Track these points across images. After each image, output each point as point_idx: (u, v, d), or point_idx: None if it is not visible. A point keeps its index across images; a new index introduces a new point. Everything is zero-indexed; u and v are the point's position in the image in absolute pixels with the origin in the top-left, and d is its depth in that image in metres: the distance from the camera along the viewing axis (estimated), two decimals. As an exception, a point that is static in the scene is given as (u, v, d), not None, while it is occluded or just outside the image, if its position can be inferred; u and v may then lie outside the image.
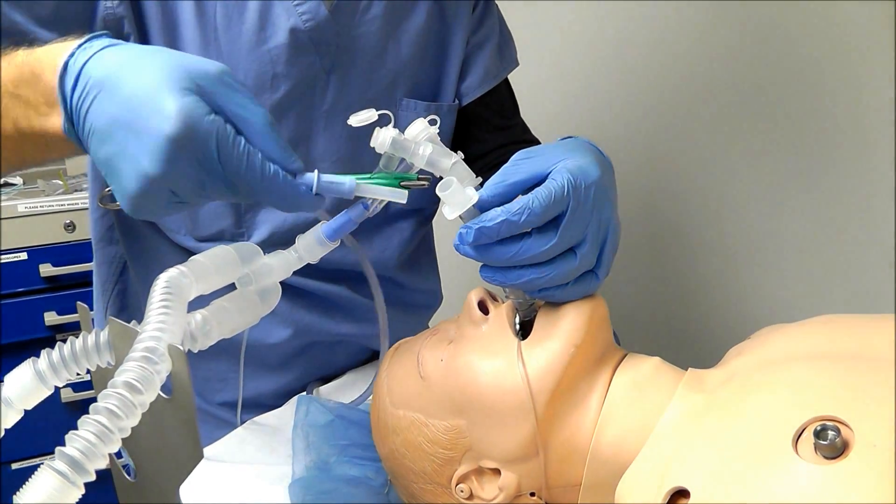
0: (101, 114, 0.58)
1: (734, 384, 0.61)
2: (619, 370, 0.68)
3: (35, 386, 0.55)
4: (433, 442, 0.70)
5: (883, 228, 1.18)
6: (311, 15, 0.89)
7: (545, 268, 0.65)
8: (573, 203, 0.63)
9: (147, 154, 0.56)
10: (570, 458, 0.66)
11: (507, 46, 1.11)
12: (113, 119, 0.58)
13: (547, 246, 0.63)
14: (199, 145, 0.57)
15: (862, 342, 0.59)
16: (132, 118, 0.57)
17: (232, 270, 0.62)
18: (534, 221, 0.62)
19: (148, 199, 0.58)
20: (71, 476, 0.44)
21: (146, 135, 0.56)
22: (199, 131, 0.56)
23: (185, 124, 0.56)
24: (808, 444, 0.50)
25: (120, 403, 0.47)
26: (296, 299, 0.98)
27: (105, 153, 0.58)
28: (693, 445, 0.57)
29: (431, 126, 0.66)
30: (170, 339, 0.52)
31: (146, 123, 0.56)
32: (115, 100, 0.58)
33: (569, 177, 0.63)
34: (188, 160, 0.57)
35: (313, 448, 0.82)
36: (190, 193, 0.59)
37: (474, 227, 0.63)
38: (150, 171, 0.56)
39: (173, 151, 0.56)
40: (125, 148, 0.57)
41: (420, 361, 0.72)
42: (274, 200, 0.61)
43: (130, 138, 0.57)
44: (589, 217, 0.64)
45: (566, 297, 0.67)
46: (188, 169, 0.57)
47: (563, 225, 0.63)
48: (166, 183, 0.57)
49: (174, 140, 0.55)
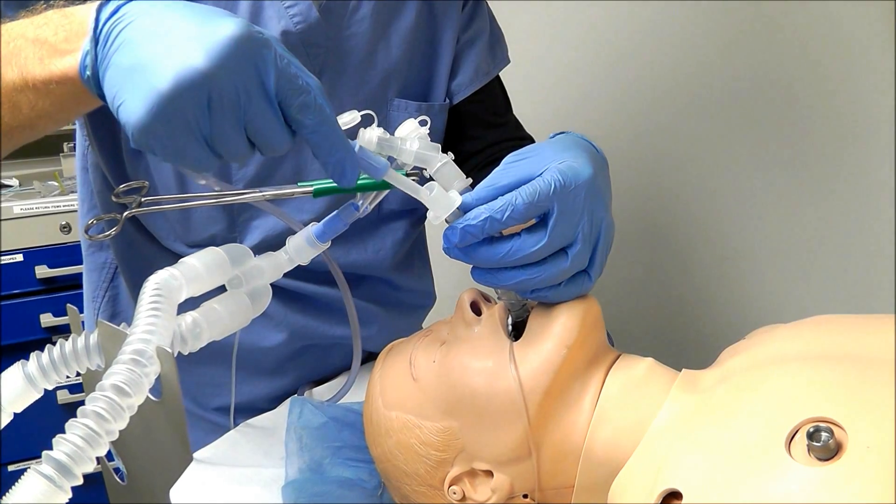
0: (140, 27, 0.55)
1: (728, 385, 0.61)
2: (612, 371, 0.67)
3: (24, 389, 0.55)
4: (426, 443, 0.69)
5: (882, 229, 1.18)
6: (302, 17, 0.88)
7: (536, 268, 0.64)
8: (561, 202, 0.62)
9: (198, 48, 0.51)
10: (563, 459, 0.66)
11: (499, 44, 1.10)
12: (156, 26, 0.54)
13: (537, 246, 0.63)
14: (256, 51, 0.53)
15: (856, 343, 0.59)
16: (180, 24, 0.53)
17: (222, 272, 0.62)
18: (517, 219, 0.62)
19: (174, 108, 0.51)
20: (58, 480, 0.44)
21: (200, 35, 0.52)
22: (256, 39, 0.53)
23: (247, 29, 0.53)
24: (801, 446, 0.50)
25: (108, 406, 0.47)
26: (289, 303, 0.97)
27: (133, 58, 0.53)
28: (686, 447, 0.57)
29: (422, 127, 0.66)
30: (159, 342, 0.52)
31: (200, 28, 0.53)
32: (162, 16, 0.55)
33: (557, 176, 0.63)
34: (244, 63, 0.52)
35: (306, 450, 0.82)
36: (228, 111, 0.53)
37: (458, 227, 0.63)
38: (199, 65, 0.51)
39: (230, 47, 0.52)
40: (168, 48, 0.52)
41: (412, 363, 0.72)
42: (317, 138, 0.57)
43: (178, 39, 0.52)
44: (580, 217, 0.64)
45: (559, 298, 0.67)
46: (239, 74, 0.52)
47: (551, 224, 0.63)
48: (211, 82, 0.51)
49: (234, 38, 0.52)
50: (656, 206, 1.51)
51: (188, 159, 0.55)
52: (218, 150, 0.55)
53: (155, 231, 0.94)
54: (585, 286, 0.67)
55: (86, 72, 0.57)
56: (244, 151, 0.56)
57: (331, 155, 0.59)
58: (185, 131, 0.53)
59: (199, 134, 0.54)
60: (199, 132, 0.54)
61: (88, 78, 0.57)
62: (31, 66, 0.60)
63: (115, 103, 0.54)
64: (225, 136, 0.54)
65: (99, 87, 0.57)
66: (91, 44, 0.56)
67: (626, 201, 1.52)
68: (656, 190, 1.51)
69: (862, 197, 1.22)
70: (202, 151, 0.55)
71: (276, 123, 0.56)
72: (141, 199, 0.67)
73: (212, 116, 0.53)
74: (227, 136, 0.54)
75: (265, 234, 0.93)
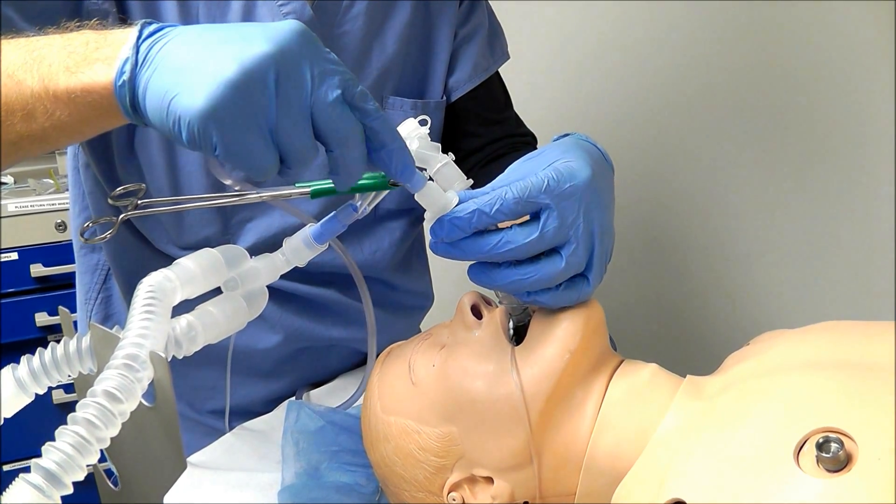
0: (189, 35, 0.55)
1: (733, 392, 0.60)
2: (615, 377, 0.66)
3: (15, 393, 0.54)
4: (425, 449, 0.68)
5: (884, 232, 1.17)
6: (295, 15, 0.88)
7: (529, 267, 0.63)
8: (554, 199, 0.61)
9: (260, 37, 0.52)
10: (564, 466, 0.65)
11: (497, 39, 1.09)
12: (206, 33, 0.54)
13: (527, 239, 0.61)
14: (315, 43, 0.54)
15: (865, 350, 0.58)
16: (232, 28, 0.54)
17: (218, 274, 0.61)
18: (506, 213, 0.61)
19: (240, 93, 0.51)
20: (46, 489, 0.43)
21: (259, 29, 0.53)
22: (312, 34, 0.55)
23: (302, 25, 0.54)
24: (809, 457, 0.49)
25: (99, 413, 0.46)
26: (285, 304, 0.96)
27: (186, 57, 0.53)
28: (691, 456, 0.55)
29: (422, 126, 0.65)
30: (152, 346, 0.50)
31: (254, 27, 0.54)
32: (210, 27, 0.56)
33: (551, 174, 0.62)
34: (307, 48, 0.53)
35: (303, 454, 0.80)
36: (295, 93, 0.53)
37: (446, 220, 0.61)
38: (264, 48, 0.51)
39: (294, 34, 0.53)
40: (226, 42, 0.52)
41: (411, 367, 0.71)
42: (379, 125, 0.57)
43: (235, 35, 0.53)
44: (575, 216, 0.62)
45: (557, 302, 0.65)
46: (305, 57, 0.53)
47: (543, 219, 0.61)
48: (279, 64, 0.51)
49: (295, 28, 0.53)
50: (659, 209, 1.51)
51: (248, 154, 0.53)
52: (282, 144, 0.53)
53: (148, 233, 0.93)
54: (584, 291, 0.65)
55: (121, 77, 0.55)
56: (308, 144, 0.54)
57: (393, 142, 0.58)
58: (250, 120, 0.52)
59: (263, 124, 0.52)
60: (265, 122, 0.52)
61: (123, 84, 0.55)
62: (55, 75, 0.58)
63: (167, 98, 0.52)
64: (291, 123, 0.53)
65: (132, 95, 0.55)
66: (132, 51, 0.55)
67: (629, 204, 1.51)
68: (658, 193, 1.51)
69: (864, 200, 1.21)
70: (264, 145, 0.53)
71: (342, 110, 0.54)
72: (137, 201, 0.66)
73: (279, 101, 0.52)
74: (295, 122, 0.53)
75: (259, 235, 0.92)
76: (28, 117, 0.59)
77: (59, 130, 0.60)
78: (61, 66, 0.58)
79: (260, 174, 0.54)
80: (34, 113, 0.59)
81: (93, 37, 0.59)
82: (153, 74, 0.54)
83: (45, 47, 0.59)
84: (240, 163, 0.53)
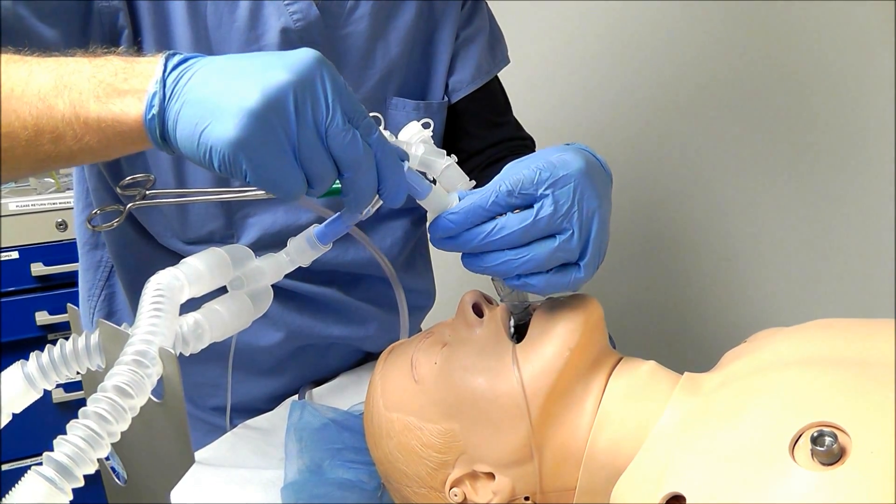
0: (213, 67, 0.57)
1: (731, 389, 0.61)
2: (614, 374, 0.67)
3: (24, 389, 0.55)
4: (427, 445, 0.69)
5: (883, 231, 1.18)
6: (301, 15, 0.89)
7: (521, 249, 0.63)
8: (548, 188, 0.63)
9: (279, 68, 0.54)
10: (564, 462, 0.66)
11: (498, 44, 1.10)
12: (229, 64, 0.57)
13: (522, 224, 0.62)
14: (330, 70, 0.56)
15: (859, 347, 0.59)
16: (253, 59, 0.57)
17: (224, 273, 0.61)
18: (501, 204, 0.62)
19: (265, 122, 0.53)
20: (59, 482, 0.44)
21: (278, 59, 0.55)
22: (327, 62, 0.57)
23: (317, 53, 0.56)
24: (804, 451, 0.50)
25: (110, 408, 0.47)
26: (287, 302, 0.97)
27: (212, 89, 0.56)
28: (689, 451, 0.56)
29: (425, 129, 0.66)
30: (161, 343, 0.51)
31: (274, 57, 0.56)
32: (232, 58, 0.58)
33: (544, 164, 0.63)
34: (322, 78, 0.55)
35: (306, 451, 0.81)
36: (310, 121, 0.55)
37: (444, 216, 0.63)
38: (283, 78, 0.54)
39: (310, 63, 0.55)
40: (249, 74, 0.55)
41: (414, 364, 0.72)
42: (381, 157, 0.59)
43: (256, 67, 0.55)
44: (570, 205, 0.63)
45: (548, 287, 0.66)
46: (320, 86, 0.55)
47: (538, 206, 0.63)
48: (296, 93, 0.54)
49: (311, 56, 0.56)
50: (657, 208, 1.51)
51: (280, 177, 0.56)
52: (305, 167, 0.56)
53: (151, 228, 0.94)
54: (576, 278, 0.66)
55: (151, 111, 0.57)
56: (329, 167, 0.57)
57: (395, 175, 0.60)
58: (276, 147, 0.54)
59: (288, 149, 0.55)
60: (289, 147, 0.55)
61: (153, 117, 0.57)
62: (85, 102, 0.60)
63: (198, 130, 0.55)
64: (312, 148, 0.56)
65: (161, 127, 0.58)
66: (159, 85, 0.57)
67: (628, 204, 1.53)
68: (657, 192, 1.51)
69: (863, 199, 1.22)
70: (291, 170, 0.55)
71: (354, 136, 0.57)
72: (146, 191, 0.67)
73: (299, 126, 0.55)
74: (315, 147, 0.56)
75: (262, 231, 0.93)
76: (57, 140, 0.61)
77: (85, 153, 0.62)
78: (91, 95, 0.60)
79: (289, 197, 0.57)
80: (63, 136, 0.61)
81: (121, 66, 0.61)
82: (182, 107, 0.56)
83: (75, 73, 0.61)
84: (269, 187, 0.56)
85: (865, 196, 1.21)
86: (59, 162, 0.64)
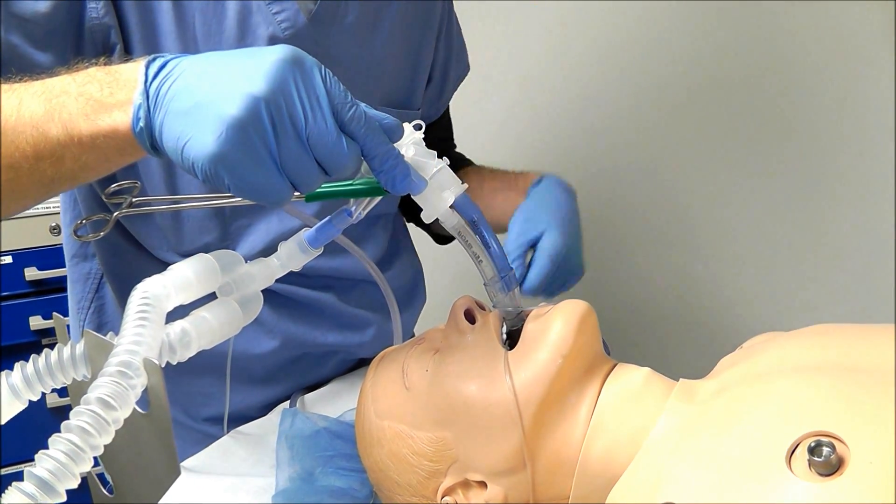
0: (192, 73, 0.57)
1: (726, 396, 0.60)
2: (608, 381, 0.66)
3: (9, 400, 0.54)
4: (418, 454, 0.68)
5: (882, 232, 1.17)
6: (290, 23, 0.88)
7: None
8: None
9: (254, 75, 0.54)
10: (558, 471, 0.65)
11: (463, 52, 1.15)
12: (208, 69, 0.56)
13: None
14: (308, 69, 0.56)
15: (857, 354, 0.58)
16: (231, 63, 0.56)
17: (212, 279, 0.61)
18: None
19: (242, 133, 0.53)
20: (39, 497, 0.43)
21: (253, 65, 0.55)
22: (304, 59, 0.56)
23: (293, 51, 0.56)
24: (801, 461, 0.49)
25: (93, 421, 0.46)
26: (282, 308, 0.96)
27: (192, 100, 0.55)
28: (684, 460, 0.56)
29: (416, 131, 0.65)
30: (146, 353, 0.50)
31: (250, 59, 0.55)
32: (211, 60, 0.57)
33: None
34: (298, 80, 0.55)
35: (297, 459, 0.80)
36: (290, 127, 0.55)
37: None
38: (258, 88, 0.53)
39: (284, 67, 0.54)
40: (226, 83, 0.54)
41: (405, 371, 0.71)
42: (370, 146, 0.59)
43: (233, 74, 0.55)
44: None
45: None
46: (296, 90, 0.55)
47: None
48: (271, 103, 0.54)
49: (285, 59, 0.54)
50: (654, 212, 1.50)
51: (263, 186, 0.55)
52: (289, 173, 0.56)
53: (145, 241, 0.93)
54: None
55: (139, 124, 0.58)
56: (313, 171, 0.57)
57: (384, 163, 0.60)
58: (256, 155, 0.54)
59: (267, 159, 0.54)
60: (269, 155, 0.54)
61: (141, 129, 0.58)
62: (76, 122, 0.60)
63: (180, 143, 0.55)
64: (292, 154, 0.55)
65: (151, 138, 0.58)
66: (143, 96, 0.57)
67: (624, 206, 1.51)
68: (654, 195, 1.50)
69: (862, 201, 1.21)
70: (275, 176, 0.55)
71: (337, 135, 0.57)
72: (132, 199, 0.66)
73: (277, 135, 0.54)
74: (295, 154, 0.55)
75: (258, 241, 0.92)
76: (57, 162, 0.62)
77: (87, 171, 0.63)
78: (80, 115, 0.60)
79: (274, 204, 0.57)
80: (63, 158, 0.62)
81: (105, 79, 0.61)
82: (165, 118, 0.56)
83: (62, 94, 0.61)
84: (253, 196, 0.56)
85: (865, 197, 1.21)
86: (65, 184, 0.65)
